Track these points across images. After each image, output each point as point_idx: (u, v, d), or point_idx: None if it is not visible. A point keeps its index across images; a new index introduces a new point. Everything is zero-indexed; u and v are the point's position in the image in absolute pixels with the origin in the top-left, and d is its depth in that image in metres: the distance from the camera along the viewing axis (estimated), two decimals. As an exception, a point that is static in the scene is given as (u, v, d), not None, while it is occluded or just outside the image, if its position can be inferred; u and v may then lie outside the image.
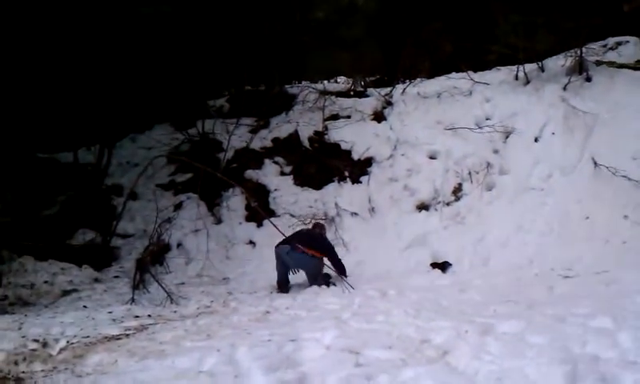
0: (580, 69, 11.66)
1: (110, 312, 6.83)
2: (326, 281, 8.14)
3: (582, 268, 7.78)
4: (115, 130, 11.53)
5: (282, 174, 11.31)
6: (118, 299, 7.68)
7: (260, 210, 9.82)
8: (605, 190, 9.17)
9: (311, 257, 8.18)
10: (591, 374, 3.80)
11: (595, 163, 9.54)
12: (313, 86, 14.04)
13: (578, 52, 11.70)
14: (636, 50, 11.80)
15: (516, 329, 5.04)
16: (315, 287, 7.95)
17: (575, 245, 8.44)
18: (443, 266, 8.78)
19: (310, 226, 9.44)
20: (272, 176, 11.21)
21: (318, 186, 11.04)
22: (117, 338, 5.68)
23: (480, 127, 11.00)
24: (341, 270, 8.30)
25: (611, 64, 11.81)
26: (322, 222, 9.71)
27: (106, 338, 5.65)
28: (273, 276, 8.40)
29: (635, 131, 9.83)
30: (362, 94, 13.63)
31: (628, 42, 12.30)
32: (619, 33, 12.58)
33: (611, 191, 9.10)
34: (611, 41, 13.32)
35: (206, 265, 9.39)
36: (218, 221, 10.59)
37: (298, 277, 8.40)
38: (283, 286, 8.22)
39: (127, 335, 5.77)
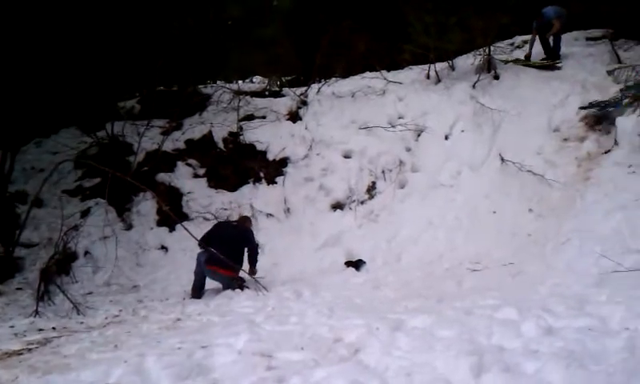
0: (488, 67, 12.08)
1: (11, 326, 6.45)
2: (240, 284, 8.01)
3: (490, 261, 8.05)
4: (18, 135, 10.92)
5: (196, 176, 11.06)
6: (20, 312, 7.26)
7: (171, 213, 9.55)
8: (511, 185, 9.51)
9: (226, 276, 8.04)
10: (496, 364, 3.88)
11: (502, 159, 9.88)
12: (227, 86, 13.86)
13: (487, 51, 12.10)
14: (541, 48, 12.32)
15: (426, 323, 5.11)
16: (229, 291, 7.81)
17: (483, 239, 8.70)
18: (357, 265, 8.85)
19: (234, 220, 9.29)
20: (185, 178, 10.94)
21: (232, 187, 10.87)
22: (18, 353, 5.36)
23: (393, 126, 11.17)
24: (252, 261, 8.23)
25: (517, 62, 12.30)
26: (248, 215, 9.57)
27: (7, 353, 5.33)
28: (186, 281, 8.20)
29: (539, 127, 10.27)
30: (277, 94, 13.56)
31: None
32: (526, 31, 13.08)
33: (517, 186, 9.45)
34: (518, 39, 13.89)
35: (115, 272, 9.06)
36: (128, 226, 10.23)
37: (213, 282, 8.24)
38: (197, 291, 8.03)
39: (30, 350, 5.45)
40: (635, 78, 9.74)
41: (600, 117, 9.83)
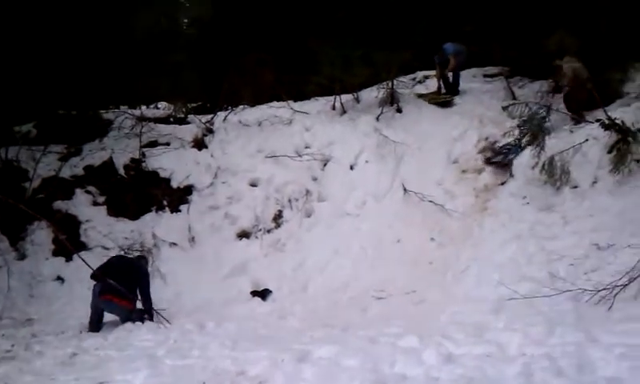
0: (392, 100, 12.43)
1: None
2: (140, 317, 7.68)
3: (394, 289, 8.19)
4: None
5: (95, 203, 10.56)
6: None
7: (67, 243, 9.09)
8: (414, 215, 9.77)
9: (122, 307, 7.61)
10: (398, 392, 3.93)
11: (405, 189, 10.13)
12: (130, 111, 13.45)
13: (390, 85, 12.46)
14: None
15: (331, 353, 5.12)
16: (129, 324, 7.48)
17: (388, 267, 8.85)
18: (263, 294, 8.75)
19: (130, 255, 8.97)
20: (83, 206, 10.42)
21: (134, 215, 10.47)
22: None
23: (300, 155, 11.23)
24: (148, 307, 7.80)
25: (420, 96, 12.76)
26: (145, 254, 9.26)
27: None
28: (83, 314, 7.78)
29: (440, 159, 10.68)
30: (182, 121, 13.30)
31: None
32: (427, 67, 13.60)
33: (419, 215, 9.72)
34: (420, 74, 14.42)
35: (6, 305, 8.45)
36: (22, 256, 9.61)
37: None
38: (94, 324, 7.63)
39: None
40: (528, 113, 10.31)
41: (495, 150, 10.34)
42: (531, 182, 9.01)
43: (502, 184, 9.64)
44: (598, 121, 8.72)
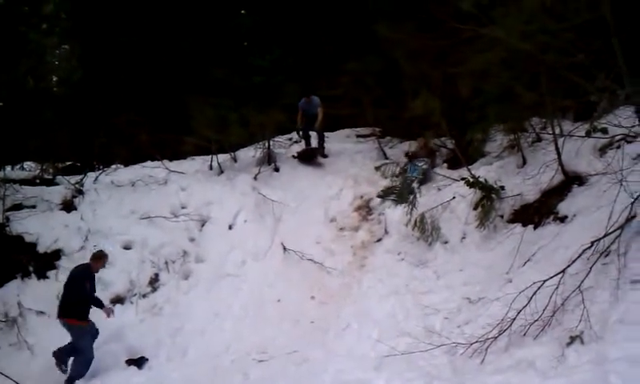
0: (269, 160, 12.57)
1: None
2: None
3: (276, 350, 8.07)
4: None
5: (-48, 271, 9.69)
6: None
7: None
8: (294, 273, 9.81)
9: (70, 325, 7.78)
10: None
11: (284, 248, 10.17)
12: (-8, 173, 12.57)
13: (266, 144, 12.60)
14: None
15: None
16: None
17: (269, 327, 8.74)
18: (139, 362, 8.31)
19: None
20: None
21: (-3, 283, 9.69)
22: None
23: (176, 216, 10.97)
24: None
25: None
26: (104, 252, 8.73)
27: None
28: None
29: (317, 218, 10.84)
30: (50, 182, 12.61)
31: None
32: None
33: (299, 274, 9.76)
34: (295, 135, 14.69)
35: None
36: None
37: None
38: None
39: None
40: (399, 171, 10.82)
41: (370, 208, 10.68)
42: (405, 239, 9.37)
43: (378, 241, 9.93)
44: (462, 179, 9.27)
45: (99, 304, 8.22)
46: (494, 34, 7.22)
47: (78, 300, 7.88)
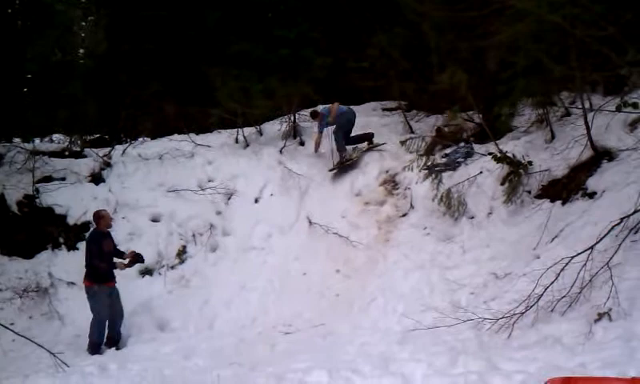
0: (294, 133, 12.55)
1: None
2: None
3: (302, 323, 8.18)
4: None
5: (-15, 243, 9.92)
6: None
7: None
8: (319, 247, 9.85)
9: (85, 287, 8.23)
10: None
11: (310, 222, 10.21)
12: (22, 145, 12.75)
13: (292, 118, 12.58)
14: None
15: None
16: (27, 367, 7.02)
17: (294, 301, 8.85)
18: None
19: None
20: (-29, 246, 9.77)
21: (28, 254, 9.86)
22: None
23: (203, 189, 11.05)
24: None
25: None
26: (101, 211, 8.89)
27: None
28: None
29: (343, 192, 10.83)
30: (78, 155, 12.75)
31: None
32: (327, 100, 13.80)
33: (325, 248, 9.81)
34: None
35: None
36: None
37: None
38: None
39: None
40: (423, 147, 10.72)
41: (396, 183, 10.64)
42: (431, 213, 9.33)
43: (404, 215, 9.90)
44: (490, 154, 9.18)
45: (113, 264, 8.44)
46: (522, 5, 7.07)
47: (87, 263, 8.22)
